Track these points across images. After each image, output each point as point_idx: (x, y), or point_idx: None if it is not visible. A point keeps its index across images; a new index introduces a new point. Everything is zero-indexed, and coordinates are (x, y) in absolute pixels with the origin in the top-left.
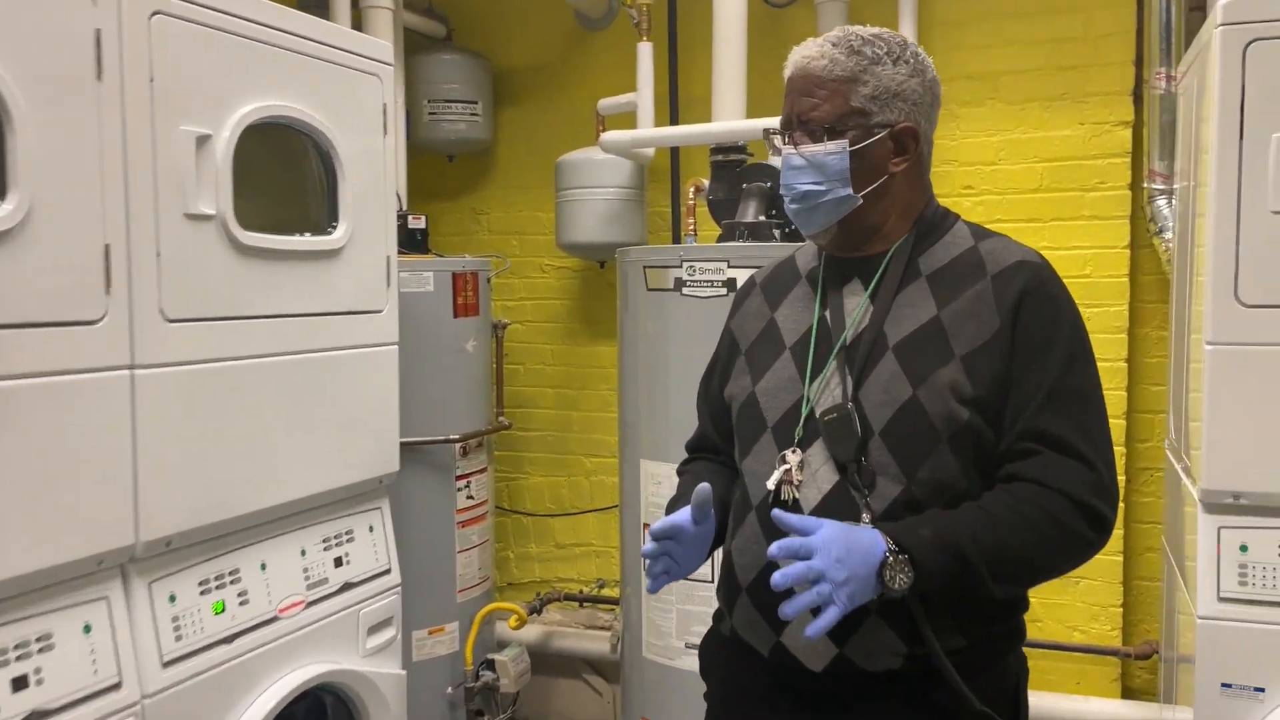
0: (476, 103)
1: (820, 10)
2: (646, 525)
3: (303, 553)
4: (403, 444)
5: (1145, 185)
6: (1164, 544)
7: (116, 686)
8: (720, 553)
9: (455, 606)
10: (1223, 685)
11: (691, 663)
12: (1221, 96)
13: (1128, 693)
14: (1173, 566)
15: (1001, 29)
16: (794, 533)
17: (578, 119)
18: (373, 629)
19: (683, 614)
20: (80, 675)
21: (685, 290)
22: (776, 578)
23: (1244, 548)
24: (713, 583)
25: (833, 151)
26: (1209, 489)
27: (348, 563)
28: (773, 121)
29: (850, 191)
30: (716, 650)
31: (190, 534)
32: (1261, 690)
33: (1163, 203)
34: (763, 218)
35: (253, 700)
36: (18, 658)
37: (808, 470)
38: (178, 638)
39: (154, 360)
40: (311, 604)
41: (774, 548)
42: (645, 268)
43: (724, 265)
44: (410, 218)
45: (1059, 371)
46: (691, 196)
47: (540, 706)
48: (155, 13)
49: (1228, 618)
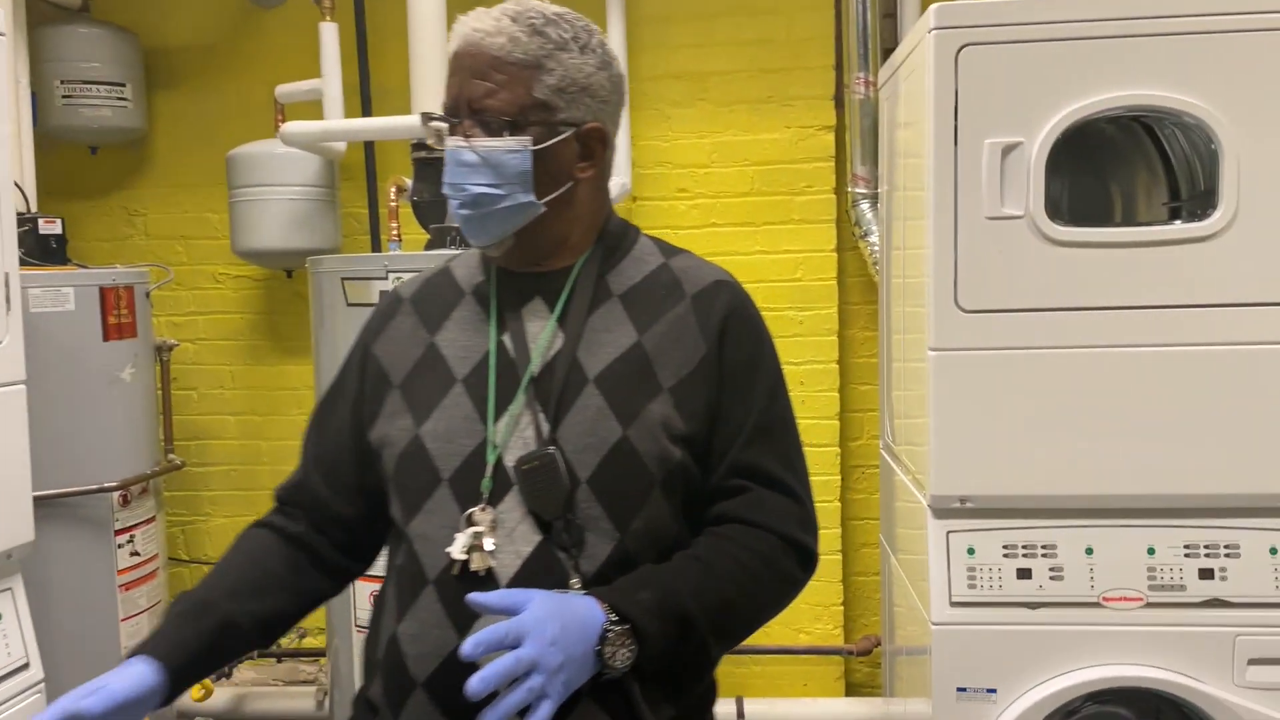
0: (124, 85)
1: None
2: None
3: None
4: (42, 499)
5: (849, 189)
6: (881, 540)
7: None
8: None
9: None
10: (958, 689)
11: None
12: (935, 102)
13: (851, 689)
14: (891, 562)
15: (710, 28)
16: (495, 616)
17: (251, 107)
18: None
19: None
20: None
21: None
22: (475, 683)
23: (971, 550)
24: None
25: (513, 149)
26: (937, 494)
27: None
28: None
29: (533, 198)
30: None
31: None
32: (994, 691)
33: (866, 206)
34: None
35: None
36: None
37: (502, 530)
38: None
39: None
40: None
41: (468, 645)
42: (344, 280)
43: None
44: (41, 221)
45: (765, 402)
46: (393, 198)
47: None
48: None
49: (960, 621)
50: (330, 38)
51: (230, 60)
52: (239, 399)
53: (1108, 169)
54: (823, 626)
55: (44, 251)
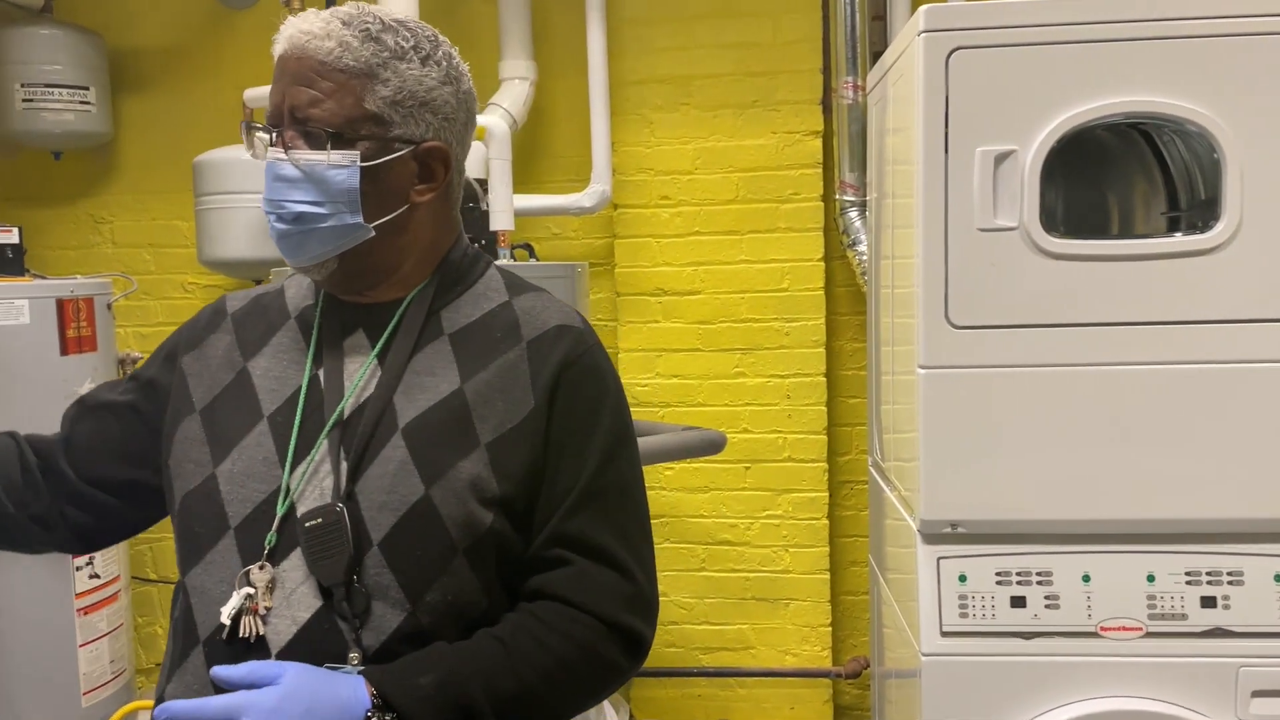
0: (88, 89)
1: (502, 4)
2: None
3: None
4: None
5: (837, 197)
6: (870, 560)
7: None
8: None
9: (80, 713)
10: None
11: None
12: (925, 108)
13: (840, 713)
14: (880, 582)
15: (693, 31)
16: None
17: (221, 111)
18: None
19: None
20: None
21: None
22: None
23: (963, 578)
24: None
25: (339, 164)
26: (928, 519)
27: None
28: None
29: (360, 219)
30: None
31: None
32: None
33: (855, 214)
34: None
35: None
36: None
37: (280, 592)
38: None
39: None
40: None
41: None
42: None
43: None
44: None
45: (599, 463)
46: None
47: None
48: None
49: (951, 652)
50: None
51: (199, 63)
52: None
53: (1103, 177)
54: (810, 648)
55: (0, 262)
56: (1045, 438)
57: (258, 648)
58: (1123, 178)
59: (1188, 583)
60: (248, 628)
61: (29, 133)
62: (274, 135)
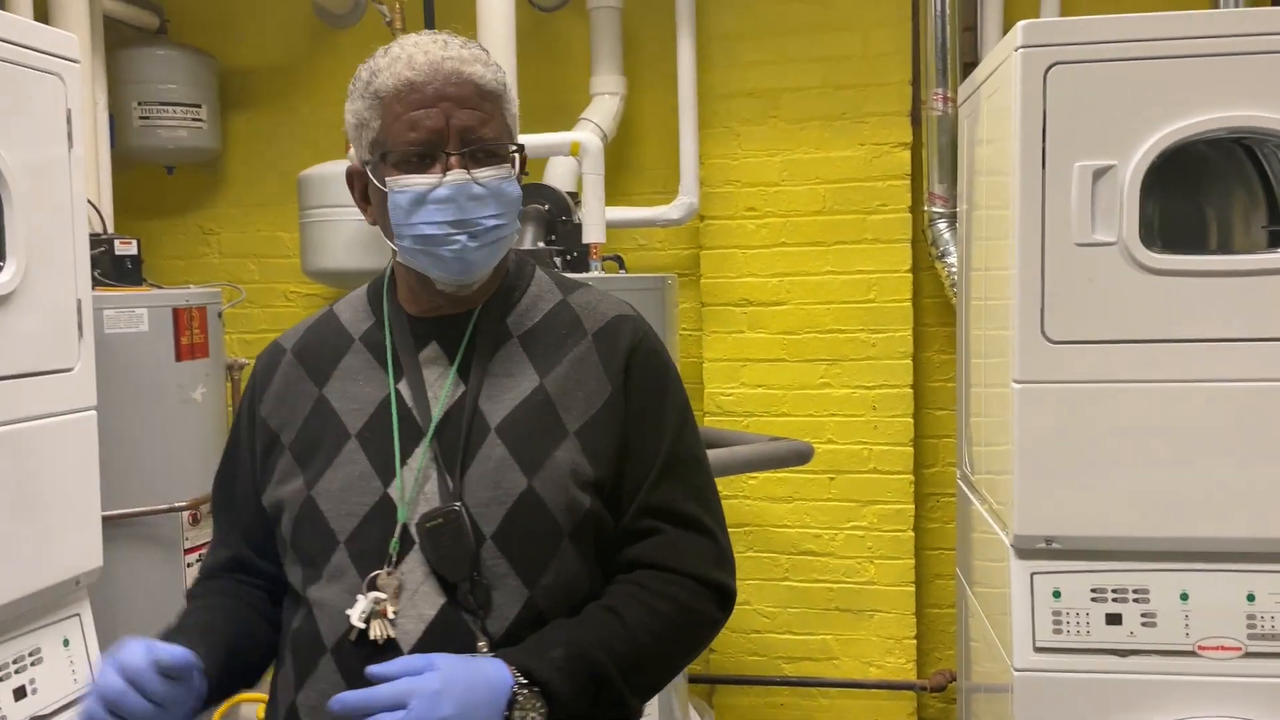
0: (200, 106)
1: (593, 16)
2: None
3: None
4: (112, 518)
5: (926, 208)
6: (958, 573)
7: None
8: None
9: None
10: None
11: None
12: (1022, 123)
13: None
14: (967, 595)
15: (782, 45)
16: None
17: (323, 127)
18: None
19: None
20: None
21: None
22: None
23: (1057, 593)
24: None
25: (507, 177)
26: (1022, 534)
27: (33, 692)
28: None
29: (517, 225)
30: None
31: None
32: None
33: (944, 226)
34: (541, 244)
35: None
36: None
37: (404, 594)
38: None
39: None
40: None
41: (335, 702)
42: None
43: None
44: (117, 241)
45: (673, 435)
46: None
47: None
48: None
49: (1044, 668)
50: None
51: (303, 81)
52: None
53: (1202, 190)
54: (894, 660)
55: (119, 272)
56: (1142, 454)
57: (388, 649)
58: (1221, 191)
59: None
60: (379, 630)
61: (145, 148)
62: (449, 158)
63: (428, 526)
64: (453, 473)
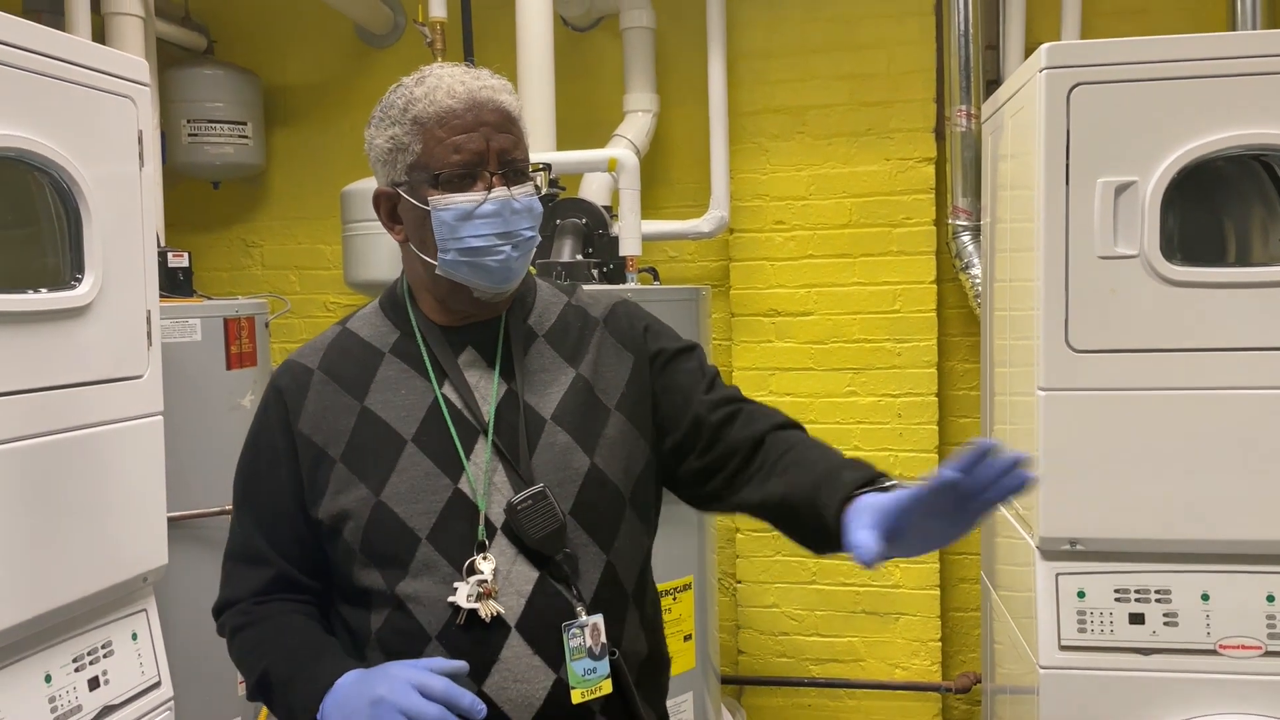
0: (245, 123)
1: (626, 36)
2: None
3: (47, 678)
4: (168, 521)
5: (950, 221)
6: (982, 576)
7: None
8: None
9: (236, 701)
10: None
11: None
12: (1046, 141)
13: None
14: (992, 598)
15: (808, 63)
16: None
17: (362, 144)
18: None
19: None
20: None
21: None
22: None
23: (1081, 593)
24: None
25: (534, 194)
26: (1047, 536)
27: (106, 683)
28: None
29: (539, 238)
30: None
31: None
32: None
33: (968, 238)
34: (579, 256)
35: None
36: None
37: (500, 577)
38: None
39: None
40: None
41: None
42: None
43: None
44: (170, 254)
45: (700, 357)
46: None
47: None
48: None
49: (1069, 666)
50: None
51: (344, 98)
52: None
53: (1219, 203)
54: (920, 662)
55: (172, 284)
56: (1164, 459)
57: (495, 626)
58: (1240, 205)
59: None
60: (488, 609)
61: (192, 164)
62: (491, 177)
63: (519, 509)
64: (518, 462)
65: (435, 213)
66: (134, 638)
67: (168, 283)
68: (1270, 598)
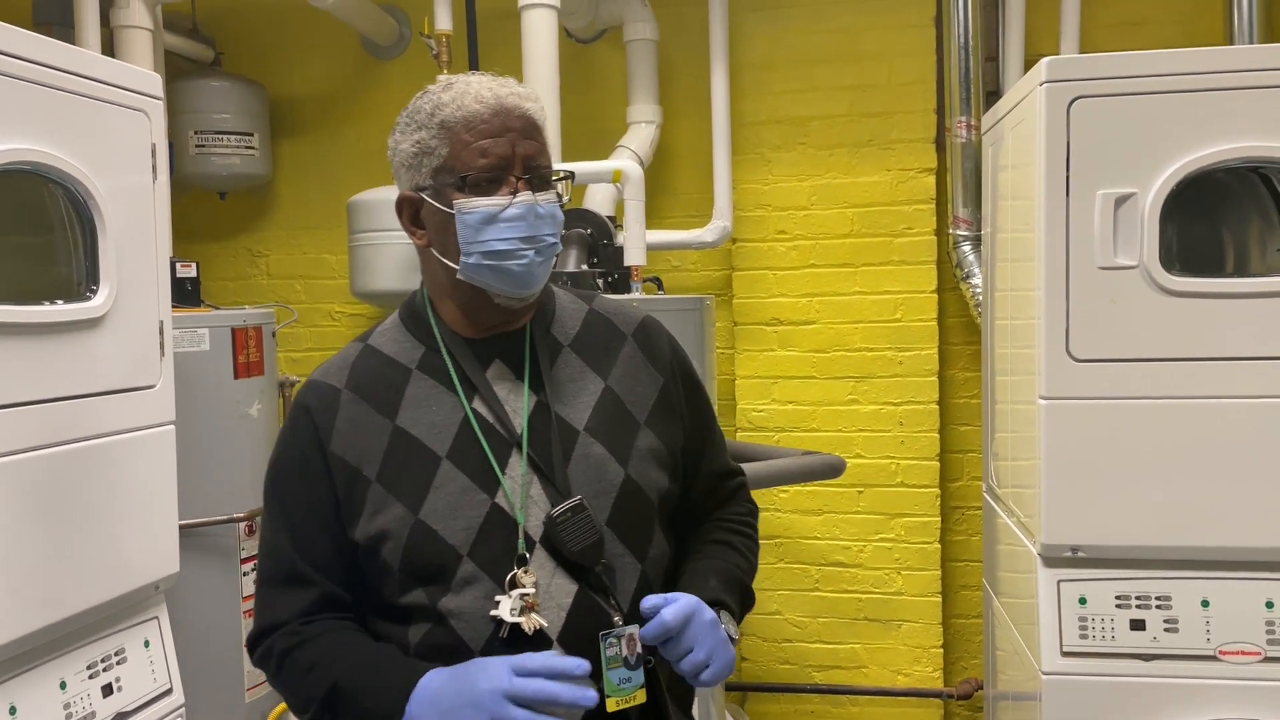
0: (252, 134)
1: (629, 48)
2: None
3: (62, 685)
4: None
5: (950, 231)
6: (984, 583)
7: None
8: None
9: (244, 708)
10: None
11: None
12: (1046, 153)
13: None
14: (994, 605)
15: (810, 74)
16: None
17: (369, 154)
18: None
19: None
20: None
21: None
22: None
23: (1083, 600)
24: None
25: (556, 202)
26: (1049, 543)
27: (119, 689)
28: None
29: (560, 246)
30: None
31: None
32: None
33: (968, 248)
34: (584, 267)
35: None
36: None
37: (540, 590)
38: None
39: None
40: None
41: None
42: None
43: None
44: (178, 265)
45: (707, 406)
46: None
47: None
48: None
49: (1071, 672)
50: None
51: (350, 109)
52: None
53: (1219, 215)
54: (922, 669)
55: (180, 294)
56: (1164, 467)
57: (537, 639)
58: (1238, 215)
59: None
60: (532, 622)
61: (200, 175)
62: (517, 181)
63: (559, 521)
64: (554, 474)
65: (460, 215)
66: (146, 645)
67: (176, 293)
68: (1269, 604)
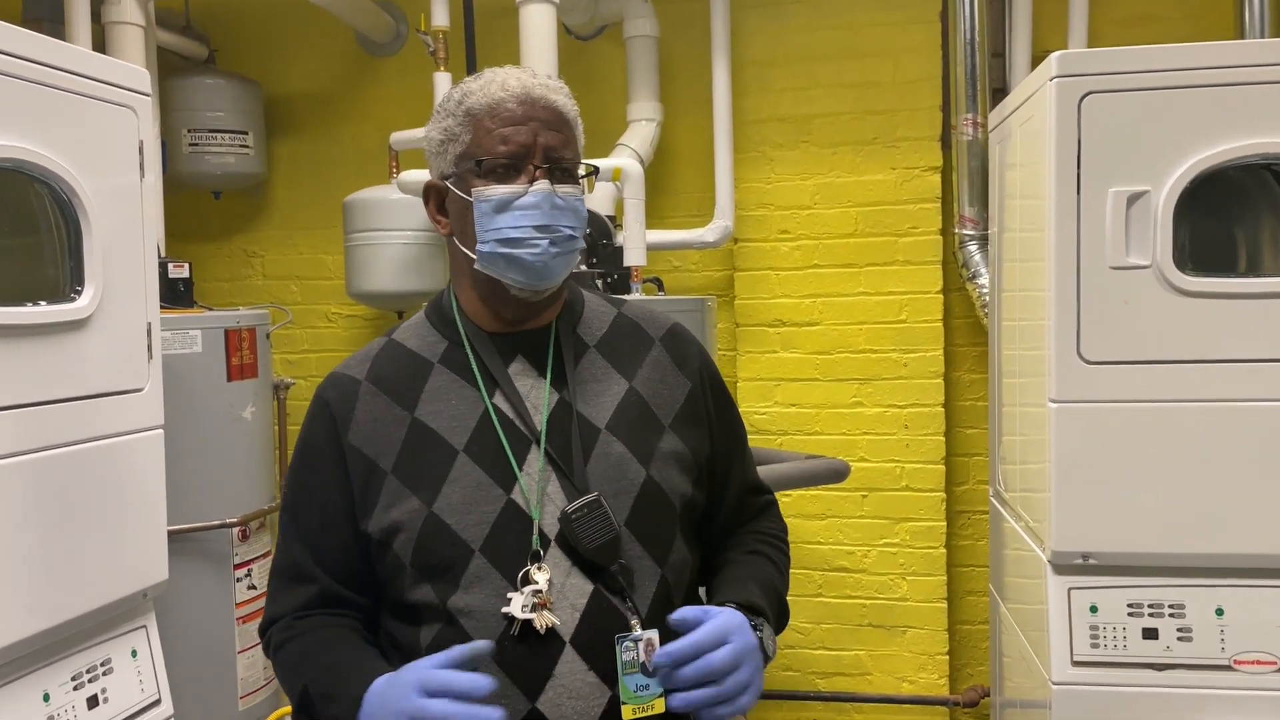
0: (246, 133)
1: (630, 45)
2: None
3: (45, 697)
4: (169, 534)
5: (956, 231)
6: (991, 589)
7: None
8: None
9: (237, 716)
10: None
11: None
12: (1057, 150)
13: None
14: (1001, 611)
15: (813, 71)
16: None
17: (366, 153)
18: None
19: None
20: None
21: None
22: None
23: (1094, 608)
24: None
25: (580, 196)
26: (1059, 550)
27: (105, 701)
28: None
29: (583, 242)
30: None
31: None
32: None
33: (974, 248)
34: (584, 267)
35: None
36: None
37: (554, 589)
38: None
39: None
40: None
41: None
42: None
43: None
44: (170, 265)
45: (737, 420)
46: None
47: None
48: None
49: (1082, 682)
50: (444, 86)
51: (346, 108)
52: None
53: (1230, 213)
54: (927, 676)
55: (172, 295)
56: (1178, 472)
57: (549, 639)
58: (1250, 214)
59: None
60: (543, 620)
61: (193, 174)
62: (535, 170)
63: (574, 518)
64: (572, 471)
65: (476, 202)
66: (134, 655)
67: (168, 293)
68: None
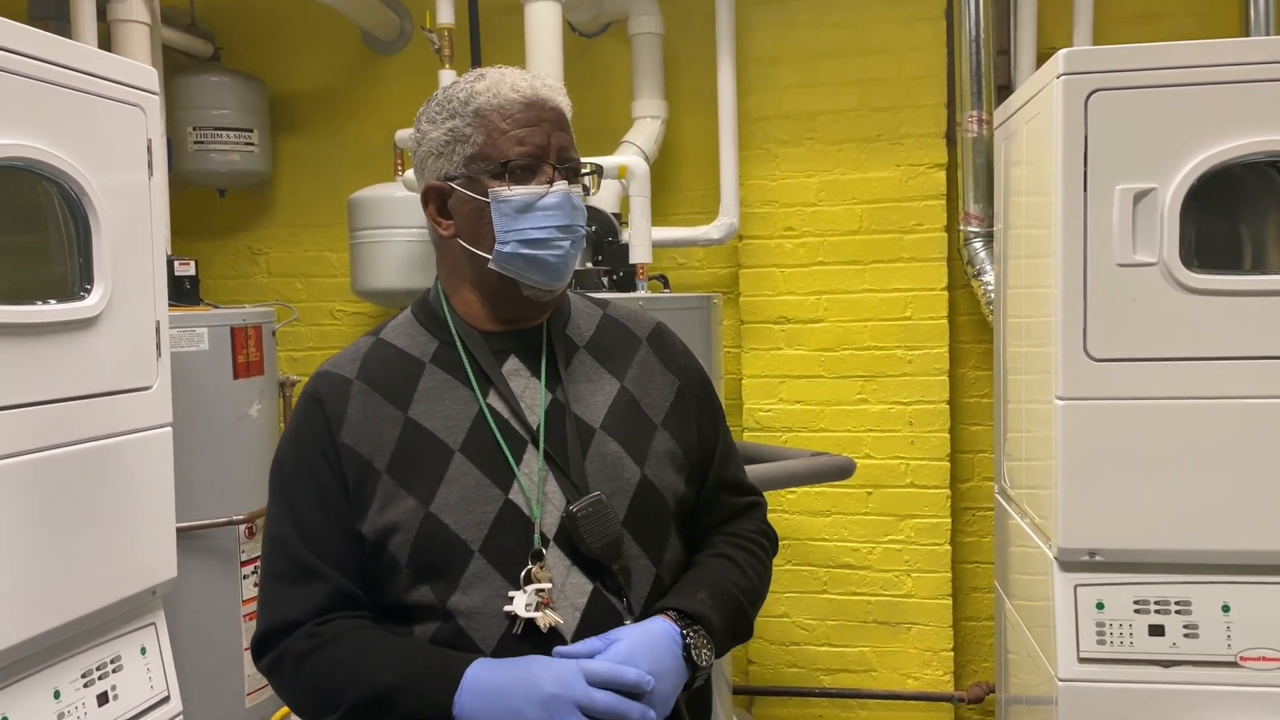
0: (251, 131)
1: (634, 42)
2: None
3: (56, 694)
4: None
5: (961, 228)
6: (996, 586)
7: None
8: None
9: (245, 713)
10: None
11: None
12: (1064, 148)
13: None
14: (1006, 608)
15: (817, 68)
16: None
17: (370, 151)
18: None
19: None
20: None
21: None
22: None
23: (1100, 605)
24: None
25: (583, 195)
26: (1066, 547)
27: (115, 698)
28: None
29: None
30: None
31: None
32: None
33: (979, 245)
34: (589, 264)
35: None
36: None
37: (554, 588)
38: None
39: None
40: None
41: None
42: None
43: None
44: (176, 263)
45: (720, 416)
46: None
47: None
48: None
49: (1088, 678)
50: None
51: (351, 106)
52: None
53: (1236, 210)
54: (932, 672)
55: (179, 293)
56: (1184, 469)
57: (551, 637)
58: (1257, 212)
59: None
60: (546, 619)
61: (199, 172)
62: (554, 171)
63: (579, 516)
64: (570, 470)
65: (496, 203)
66: (143, 652)
67: (174, 291)
68: None
